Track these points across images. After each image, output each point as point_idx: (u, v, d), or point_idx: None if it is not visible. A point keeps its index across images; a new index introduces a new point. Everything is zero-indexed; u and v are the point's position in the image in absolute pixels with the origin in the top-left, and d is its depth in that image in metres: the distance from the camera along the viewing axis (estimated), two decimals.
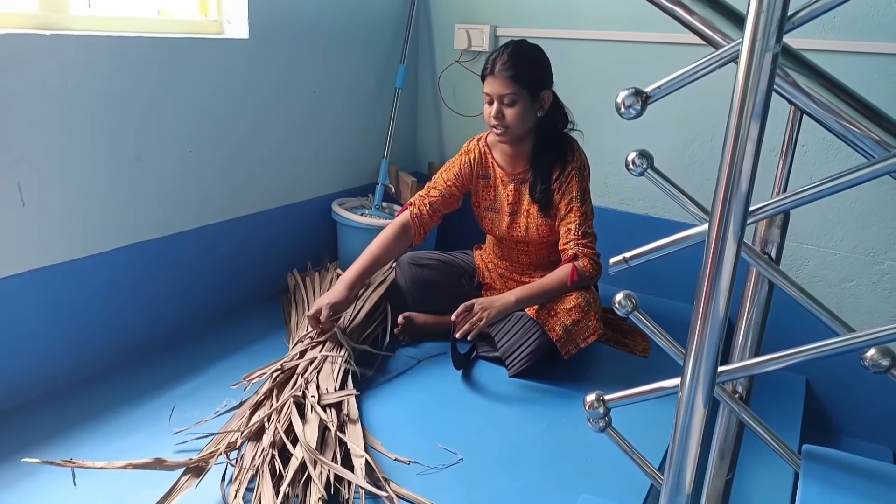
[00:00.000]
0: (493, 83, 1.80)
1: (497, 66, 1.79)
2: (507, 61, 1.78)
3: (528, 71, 1.80)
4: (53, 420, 1.58)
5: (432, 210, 2.00)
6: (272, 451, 1.38)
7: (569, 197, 1.87)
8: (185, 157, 1.96)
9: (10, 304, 1.62)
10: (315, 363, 1.69)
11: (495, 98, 1.81)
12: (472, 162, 2.00)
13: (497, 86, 1.79)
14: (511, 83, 1.78)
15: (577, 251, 1.84)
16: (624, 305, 0.88)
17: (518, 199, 1.96)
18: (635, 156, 0.81)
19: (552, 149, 1.90)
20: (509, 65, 1.77)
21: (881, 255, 2.01)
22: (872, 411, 2.09)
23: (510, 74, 1.77)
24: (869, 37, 1.90)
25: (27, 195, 1.61)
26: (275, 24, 2.14)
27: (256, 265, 2.28)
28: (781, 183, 0.92)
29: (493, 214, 2.02)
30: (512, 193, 1.97)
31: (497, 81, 1.79)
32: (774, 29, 0.60)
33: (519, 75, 1.78)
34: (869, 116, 0.81)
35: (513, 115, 1.81)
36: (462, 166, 2.01)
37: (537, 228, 1.94)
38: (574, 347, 1.83)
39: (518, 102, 1.80)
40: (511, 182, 1.96)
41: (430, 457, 1.50)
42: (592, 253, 1.86)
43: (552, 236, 1.95)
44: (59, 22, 1.69)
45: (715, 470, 1.02)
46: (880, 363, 0.73)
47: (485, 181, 2.01)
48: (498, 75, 1.79)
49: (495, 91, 1.80)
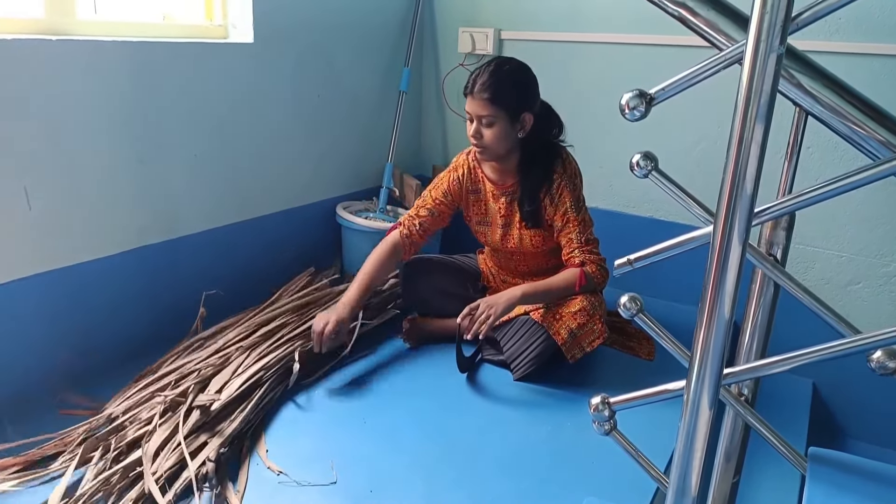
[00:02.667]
0: (471, 103, 1.78)
1: (476, 86, 1.76)
2: (487, 81, 1.75)
3: (508, 94, 1.76)
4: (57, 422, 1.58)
5: (422, 230, 1.99)
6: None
7: (563, 208, 1.85)
8: (190, 161, 1.97)
9: (16, 307, 1.63)
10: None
11: (474, 117, 1.80)
12: (461, 178, 1.99)
13: (475, 106, 1.77)
14: (489, 105, 1.75)
15: (583, 258, 1.83)
16: (629, 308, 0.88)
17: (510, 211, 1.94)
18: (640, 158, 0.81)
19: (539, 164, 1.87)
20: (488, 85, 1.75)
21: (888, 258, 2.00)
22: (879, 415, 2.08)
23: (488, 97, 1.75)
24: (874, 38, 1.89)
25: (34, 199, 1.61)
26: (280, 28, 2.15)
27: (261, 268, 2.28)
28: (787, 184, 0.92)
29: (485, 228, 2.01)
30: (504, 207, 1.95)
31: (475, 102, 1.77)
32: (778, 30, 0.60)
33: (497, 98, 1.75)
34: (874, 118, 0.81)
35: (491, 135, 1.79)
36: (451, 183, 2.00)
37: (531, 239, 1.93)
38: (579, 351, 1.82)
39: (496, 124, 1.78)
40: (502, 196, 1.94)
41: (432, 458, 1.50)
42: (598, 258, 1.85)
43: (546, 245, 1.93)
44: (65, 27, 1.70)
45: (721, 473, 1.02)
46: (887, 365, 0.73)
47: (475, 196, 2.00)
48: (476, 96, 1.76)
49: (473, 111, 1.78)
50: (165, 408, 1.53)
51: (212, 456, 1.41)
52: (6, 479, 1.36)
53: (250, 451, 1.50)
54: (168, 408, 1.53)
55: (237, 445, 1.51)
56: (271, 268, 2.31)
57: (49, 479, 1.38)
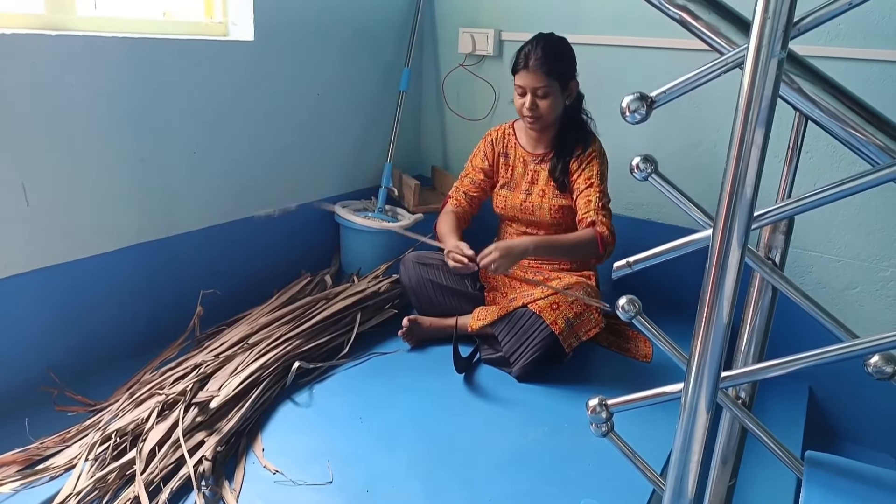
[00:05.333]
0: (527, 77, 1.90)
1: (531, 60, 1.88)
2: (542, 56, 1.87)
3: (560, 64, 1.91)
4: (54, 420, 1.58)
5: (468, 198, 2.13)
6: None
7: (590, 173, 1.96)
8: (189, 159, 1.96)
9: (14, 302, 1.62)
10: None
11: (529, 90, 1.91)
12: (494, 141, 2.13)
13: (531, 79, 1.89)
14: (545, 77, 1.88)
15: (596, 219, 1.91)
16: (627, 310, 0.88)
17: (535, 178, 2.05)
18: (640, 160, 0.81)
19: (574, 133, 2.00)
20: (543, 60, 1.87)
21: (885, 262, 2.00)
22: (875, 419, 2.09)
23: (545, 69, 1.87)
24: (874, 44, 1.90)
25: (31, 195, 1.61)
26: (280, 26, 2.14)
27: (259, 267, 2.28)
28: (786, 188, 0.92)
29: (507, 192, 2.10)
30: (532, 172, 2.06)
31: (531, 75, 1.89)
32: (780, 35, 0.60)
33: (552, 69, 1.88)
34: (874, 123, 0.81)
35: (546, 105, 1.92)
36: (486, 147, 2.14)
37: (550, 209, 2.01)
38: (575, 340, 1.86)
39: (550, 94, 1.91)
40: (532, 162, 2.06)
41: (429, 458, 1.50)
42: (610, 224, 1.93)
43: (564, 219, 2.01)
44: (65, 22, 1.70)
45: (717, 476, 1.02)
46: (884, 370, 0.73)
47: (504, 159, 2.11)
48: (532, 69, 1.88)
49: (529, 84, 1.90)
50: (163, 405, 1.53)
51: (209, 454, 1.41)
52: (5, 478, 1.35)
53: (247, 449, 1.50)
54: (166, 405, 1.53)
55: (234, 444, 1.51)
56: (269, 265, 2.31)
57: (49, 479, 1.37)
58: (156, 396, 1.56)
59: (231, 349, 1.78)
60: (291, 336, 1.85)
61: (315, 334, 1.90)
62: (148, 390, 1.61)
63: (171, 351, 1.89)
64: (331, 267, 2.47)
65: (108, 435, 1.44)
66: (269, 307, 2.06)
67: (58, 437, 1.49)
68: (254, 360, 1.72)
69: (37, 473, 1.38)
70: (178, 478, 1.35)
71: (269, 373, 1.70)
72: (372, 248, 2.45)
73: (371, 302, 2.11)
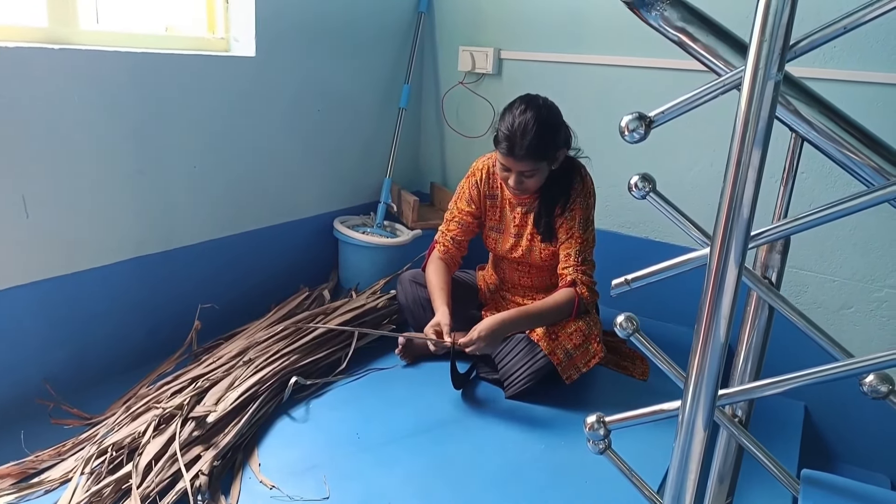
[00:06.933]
0: (512, 163, 1.78)
1: (516, 149, 1.74)
2: (528, 145, 1.73)
3: (547, 145, 1.76)
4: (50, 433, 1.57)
5: (456, 243, 2.03)
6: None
7: (571, 223, 1.88)
8: (189, 173, 1.97)
9: (12, 314, 1.62)
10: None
11: (514, 171, 1.80)
12: (479, 182, 2.00)
13: (518, 166, 1.78)
14: (532, 163, 1.77)
15: (575, 277, 1.86)
16: (625, 328, 0.89)
17: (524, 222, 1.97)
18: (638, 179, 0.82)
19: (559, 183, 1.89)
20: (529, 149, 1.73)
21: (879, 283, 2.01)
22: (870, 438, 2.09)
23: (533, 157, 1.75)
24: (869, 66, 1.92)
25: (31, 207, 1.62)
26: (281, 42, 2.16)
27: (257, 281, 2.28)
28: (782, 209, 0.93)
29: (496, 234, 2.03)
30: (519, 217, 1.97)
31: (518, 163, 1.77)
32: (776, 57, 0.61)
33: (541, 155, 1.76)
34: (868, 145, 0.82)
35: (533, 182, 1.82)
36: (471, 189, 2.01)
37: (539, 252, 1.95)
38: (576, 372, 1.83)
39: (537, 174, 1.80)
40: (519, 206, 1.97)
41: (426, 474, 1.50)
42: (590, 281, 1.88)
43: (554, 261, 1.95)
44: (68, 36, 1.71)
45: (714, 494, 1.02)
46: (879, 389, 0.73)
47: (491, 201, 2.02)
48: (518, 158, 1.75)
49: (515, 168, 1.79)
50: (160, 419, 1.52)
51: (205, 469, 1.40)
52: (0, 491, 1.35)
53: (243, 464, 1.50)
54: (163, 419, 1.53)
55: (230, 459, 1.50)
56: (268, 280, 2.32)
57: (44, 493, 1.37)
58: (153, 410, 1.56)
59: (229, 363, 1.78)
60: (289, 351, 1.85)
61: (313, 349, 1.90)
62: (145, 404, 1.61)
63: (169, 365, 1.89)
64: (329, 282, 2.48)
65: (105, 448, 1.43)
66: (267, 321, 2.06)
67: (53, 450, 1.48)
68: (251, 374, 1.71)
69: (32, 487, 1.37)
70: (175, 492, 1.34)
71: (266, 387, 1.69)
72: (370, 264, 2.45)
73: (369, 318, 2.11)
